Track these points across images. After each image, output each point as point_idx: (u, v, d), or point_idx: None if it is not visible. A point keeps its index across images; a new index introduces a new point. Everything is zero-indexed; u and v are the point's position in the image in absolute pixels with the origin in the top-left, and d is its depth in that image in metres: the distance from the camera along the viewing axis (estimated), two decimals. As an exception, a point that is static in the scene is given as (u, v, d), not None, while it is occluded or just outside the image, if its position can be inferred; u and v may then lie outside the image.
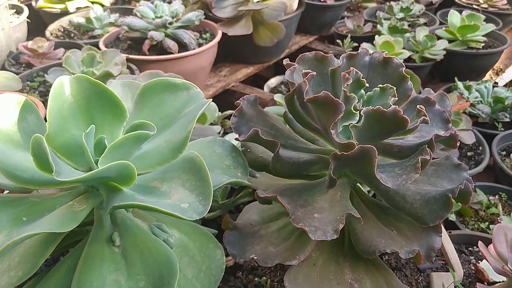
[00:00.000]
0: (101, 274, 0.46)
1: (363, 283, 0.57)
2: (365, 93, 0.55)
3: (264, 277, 0.66)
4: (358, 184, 0.65)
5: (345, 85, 0.55)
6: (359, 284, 0.57)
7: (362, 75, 0.56)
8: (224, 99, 1.38)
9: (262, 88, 1.56)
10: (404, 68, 0.59)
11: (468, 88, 1.40)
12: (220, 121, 1.16)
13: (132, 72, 1.14)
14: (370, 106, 0.52)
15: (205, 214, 0.42)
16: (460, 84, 1.41)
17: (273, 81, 1.64)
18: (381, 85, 0.55)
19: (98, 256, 0.47)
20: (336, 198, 0.59)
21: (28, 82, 1.16)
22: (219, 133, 1.06)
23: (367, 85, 0.55)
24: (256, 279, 0.65)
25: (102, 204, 0.50)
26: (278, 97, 1.18)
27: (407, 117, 0.49)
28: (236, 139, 0.59)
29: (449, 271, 0.65)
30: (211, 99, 0.55)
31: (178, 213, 0.41)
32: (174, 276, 0.45)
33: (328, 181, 0.55)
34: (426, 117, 0.52)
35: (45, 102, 1.08)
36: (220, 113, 1.13)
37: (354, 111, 0.53)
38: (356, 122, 0.53)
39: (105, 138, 0.49)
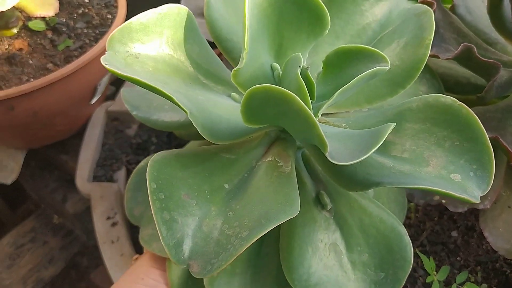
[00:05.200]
0: (315, 246, 0.35)
1: None
2: None
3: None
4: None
5: None
6: None
7: None
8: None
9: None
10: None
11: None
12: None
13: None
14: None
15: (487, 191, 0.30)
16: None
17: None
18: None
19: (307, 223, 0.35)
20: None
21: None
22: None
23: None
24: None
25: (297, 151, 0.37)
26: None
27: None
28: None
29: None
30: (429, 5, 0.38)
31: (459, 193, 0.28)
32: (408, 250, 0.34)
33: None
34: None
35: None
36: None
37: None
38: None
39: (309, 70, 0.34)
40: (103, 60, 0.29)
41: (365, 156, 0.24)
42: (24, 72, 0.57)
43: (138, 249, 0.57)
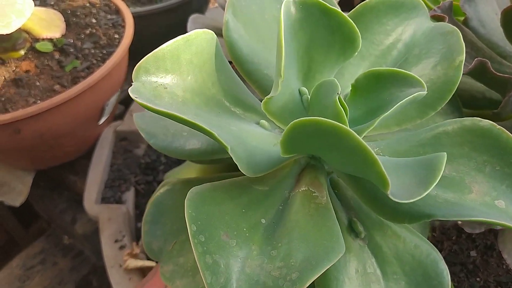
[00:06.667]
0: (352, 276, 0.32)
1: None
2: None
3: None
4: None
5: None
6: None
7: None
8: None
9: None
10: None
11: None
12: None
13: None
14: None
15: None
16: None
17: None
18: None
19: (341, 253, 0.32)
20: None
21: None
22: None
23: None
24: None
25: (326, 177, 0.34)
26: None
27: None
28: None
29: None
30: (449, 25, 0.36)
31: (509, 221, 0.26)
32: (445, 276, 0.32)
33: None
34: None
35: None
36: None
37: None
38: None
39: (339, 94, 0.31)
40: (131, 92, 0.26)
41: (425, 193, 0.22)
42: (31, 94, 0.53)
43: (146, 273, 0.54)
